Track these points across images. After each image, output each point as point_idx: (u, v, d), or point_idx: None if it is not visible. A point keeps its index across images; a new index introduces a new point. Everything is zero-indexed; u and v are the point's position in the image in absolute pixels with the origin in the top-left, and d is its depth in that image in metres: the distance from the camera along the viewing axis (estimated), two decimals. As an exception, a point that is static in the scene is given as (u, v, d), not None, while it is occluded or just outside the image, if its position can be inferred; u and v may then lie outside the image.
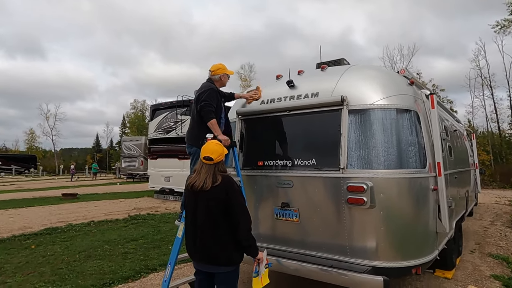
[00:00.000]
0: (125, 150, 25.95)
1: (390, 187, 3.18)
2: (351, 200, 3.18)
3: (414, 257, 3.28)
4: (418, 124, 3.48)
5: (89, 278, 4.72)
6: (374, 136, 3.26)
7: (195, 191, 2.53)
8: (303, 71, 4.09)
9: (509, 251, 6.19)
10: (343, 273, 3.13)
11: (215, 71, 3.80)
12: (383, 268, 3.16)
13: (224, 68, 3.86)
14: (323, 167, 3.43)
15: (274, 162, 3.79)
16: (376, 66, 3.93)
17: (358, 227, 3.26)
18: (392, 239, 3.22)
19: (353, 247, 3.30)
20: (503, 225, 8.52)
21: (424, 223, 3.38)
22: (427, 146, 3.51)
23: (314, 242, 3.55)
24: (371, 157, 3.23)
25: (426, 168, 3.41)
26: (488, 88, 28.78)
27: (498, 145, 27.55)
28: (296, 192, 3.59)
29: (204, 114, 3.50)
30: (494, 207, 11.82)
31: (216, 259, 2.48)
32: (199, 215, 2.52)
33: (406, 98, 3.49)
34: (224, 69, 3.85)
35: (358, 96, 3.39)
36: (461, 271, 5.04)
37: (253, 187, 3.93)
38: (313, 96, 3.63)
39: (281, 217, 3.72)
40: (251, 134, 4.09)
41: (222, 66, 3.86)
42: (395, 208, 3.20)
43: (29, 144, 63.75)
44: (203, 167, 2.58)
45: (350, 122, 3.34)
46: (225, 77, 3.88)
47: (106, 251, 6.00)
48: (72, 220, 9.00)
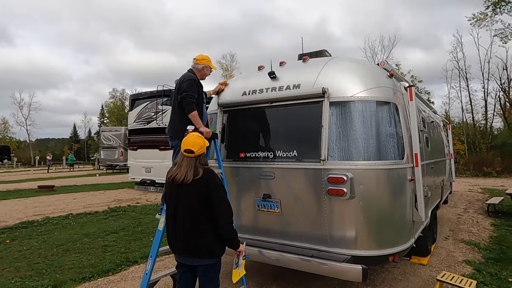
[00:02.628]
0: (104, 141, 25.36)
1: (369, 178, 3.24)
2: (331, 191, 3.23)
3: (392, 245, 3.38)
4: (397, 116, 3.54)
5: (67, 272, 4.63)
6: (354, 128, 3.31)
7: (176, 184, 2.50)
8: (285, 62, 4.07)
9: (480, 237, 6.48)
10: (323, 262, 3.20)
11: (199, 60, 3.74)
12: (362, 257, 3.25)
13: (209, 61, 3.82)
14: (304, 159, 3.46)
15: (256, 153, 3.79)
16: (357, 59, 3.96)
17: (338, 217, 3.33)
18: (370, 228, 3.30)
19: (333, 237, 3.37)
20: (475, 212, 8.90)
21: (401, 212, 3.48)
22: (405, 137, 3.59)
23: (295, 233, 3.59)
24: (351, 148, 3.28)
25: (404, 159, 3.49)
26: (464, 79, 29.64)
27: (472, 135, 28.55)
28: (278, 183, 3.62)
29: (185, 105, 3.44)
30: (467, 195, 12.31)
31: (197, 252, 2.48)
32: (180, 208, 2.50)
33: (386, 91, 3.55)
34: (209, 61, 3.81)
35: (339, 88, 3.41)
36: (435, 257, 5.24)
37: (235, 179, 3.92)
38: (294, 87, 3.63)
39: (263, 208, 3.75)
40: (232, 126, 4.06)
41: (208, 58, 3.81)
42: (374, 199, 3.27)
43: (1, 134, 61.28)
44: (184, 160, 2.54)
45: (331, 114, 3.37)
46: (208, 70, 3.83)
47: (85, 244, 5.89)
48: (49, 213, 8.77)
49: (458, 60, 29.69)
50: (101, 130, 27.37)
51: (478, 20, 25.04)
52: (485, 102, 29.15)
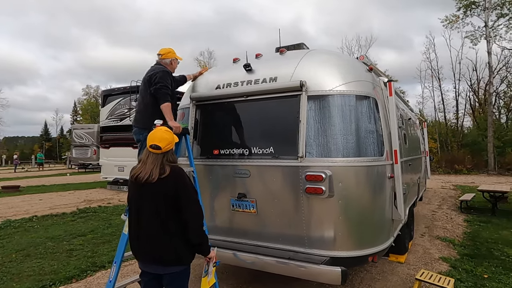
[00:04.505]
0: (76, 139, 24.36)
1: (348, 176, 3.10)
2: (309, 190, 3.07)
3: (371, 245, 3.26)
4: (377, 111, 3.43)
5: (26, 280, 4.26)
6: (333, 123, 3.15)
7: (140, 183, 2.25)
8: (261, 55, 3.88)
9: (454, 233, 6.55)
10: (300, 265, 3.03)
11: (165, 55, 3.49)
12: (341, 258, 3.11)
13: (174, 53, 3.60)
14: (281, 156, 3.28)
15: (230, 150, 3.57)
16: (336, 52, 3.82)
17: (317, 217, 3.17)
18: (350, 228, 3.16)
19: (311, 238, 3.21)
20: (449, 209, 9.06)
21: (380, 211, 3.36)
22: (385, 134, 3.48)
23: (272, 234, 3.41)
24: (330, 145, 3.13)
25: (383, 156, 3.38)
26: (437, 80, 30.51)
27: (444, 133, 29.43)
28: (253, 182, 3.42)
29: (160, 95, 3.23)
30: (440, 192, 12.59)
31: (163, 258, 2.24)
32: (144, 211, 2.25)
33: (365, 85, 3.42)
34: (174, 53, 3.59)
35: (317, 81, 3.25)
36: (412, 254, 5.21)
37: (208, 177, 3.69)
38: (271, 81, 3.44)
39: (238, 208, 3.54)
40: (206, 121, 3.83)
41: (172, 50, 3.58)
42: (353, 197, 3.13)
43: (-35, 132, 57.87)
44: (149, 157, 2.29)
45: (309, 108, 3.20)
46: (175, 62, 3.61)
47: (48, 249, 5.49)
48: (11, 215, 8.20)
49: (431, 60, 30.57)
50: (73, 128, 26.31)
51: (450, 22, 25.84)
52: (456, 102, 30.18)
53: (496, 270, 4.53)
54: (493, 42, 23.60)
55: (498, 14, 23.22)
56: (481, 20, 23.61)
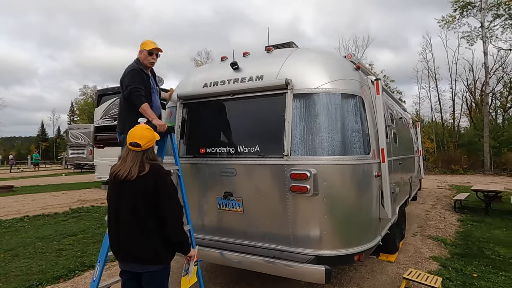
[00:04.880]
0: (72, 139, 24.27)
1: (333, 174, 3.09)
2: (294, 188, 3.05)
3: (357, 244, 3.25)
4: (363, 109, 3.41)
5: (13, 280, 4.22)
6: (318, 122, 3.14)
7: (119, 181, 2.23)
8: (249, 53, 3.86)
9: (447, 232, 6.55)
10: (285, 264, 3.02)
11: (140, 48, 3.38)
12: (326, 257, 3.09)
13: (145, 43, 3.36)
14: (266, 154, 3.26)
15: (217, 149, 3.55)
16: (323, 50, 3.80)
17: (302, 215, 3.15)
18: (335, 227, 3.15)
19: (297, 237, 3.19)
20: (443, 208, 9.07)
21: (367, 209, 3.35)
22: (372, 132, 3.46)
23: (258, 233, 3.39)
24: (315, 143, 3.11)
25: (370, 154, 3.36)
26: (433, 80, 30.59)
27: (441, 133, 29.53)
28: (240, 180, 3.40)
29: (134, 99, 3.14)
30: (435, 192, 12.60)
31: (141, 257, 2.22)
32: (122, 209, 2.23)
33: (352, 83, 3.40)
34: (144, 44, 3.36)
35: (303, 79, 3.24)
36: (403, 254, 5.21)
37: (195, 176, 3.67)
38: (257, 79, 3.42)
39: (224, 207, 3.52)
40: (193, 120, 3.80)
41: (146, 41, 3.38)
42: (338, 196, 3.12)
43: (-39, 132, 57.53)
44: (129, 155, 2.27)
45: (294, 106, 3.19)
46: (144, 54, 3.35)
47: (38, 249, 5.45)
48: (2, 215, 8.14)
49: (427, 61, 30.67)
50: (69, 128, 26.21)
51: (447, 22, 25.93)
52: (452, 102, 30.28)
53: (485, 269, 4.53)
54: (489, 43, 23.75)
55: (494, 15, 23.35)
56: (477, 21, 23.73)
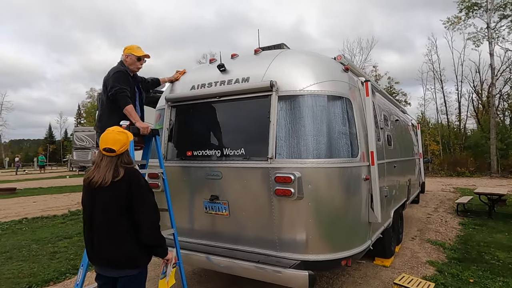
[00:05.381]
0: (77, 141, 24.51)
1: (318, 177, 3.03)
2: (278, 192, 3.00)
3: (344, 248, 3.18)
4: (351, 111, 3.35)
5: (3, 283, 4.22)
6: (303, 124, 3.09)
7: (93, 187, 2.19)
8: (237, 55, 3.82)
9: (447, 236, 6.43)
10: (268, 269, 2.96)
11: (125, 51, 3.37)
12: (311, 262, 3.03)
13: (131, 48, 3.39)
14: (252, 157, 3.22)
15: (203, 152, 3.52)
16: (310, 51, 3.75)
17: (287, 219, 3.10)
18: (321, 231, 3.08)
19: (282, 241, 3.14)
20: (445, 211, 8.92)
21: (354, 213, 3.28)
22: (361, 134, 3.40)
23: (244, 237, 3.35)
24: (300, 146, 3.06)
25: (358, 157, 3.30)
26: (439, 81, 30.26)
27: (446, 135, 29.16)
28: (225, 184, 3.36)
29: (119, 100, 3.12)
30: (439, 194, 12.42)
31: (116, 262, 2.18)
32: (96, 214, 2.20)
33: (339, 85, 3.35)
34: (130, 49, 3.38)
35: (288, 81, 3.19)
36: (399, 258, 5.11)
37: (182, 179, 3.64)
38: (243, 81, 3.38)
39: (210, 210, 3.48)
40: (180, 122, 3.77)
41: (132, 46, 3.41)
42: (324, 199, 3.06)
43: (-29, 135, 58.37)
44: (103, 160, 2.22)
45: (280, 109, 3.14)
46: (132, 58, 3.37)
47: (32, 251, 5.46)
48: (1, 217, 8.20)
49: (433, 62, 30.30)
50: (74, 131, 26.46)
51: (452, 23, 25.66)
52: (458, 104, 29.88)
53: (483, 275, 4.42)
54: (495, 44, 23.40)
55: (501, 15, 23.02)
56: (484, 22, 23.42)
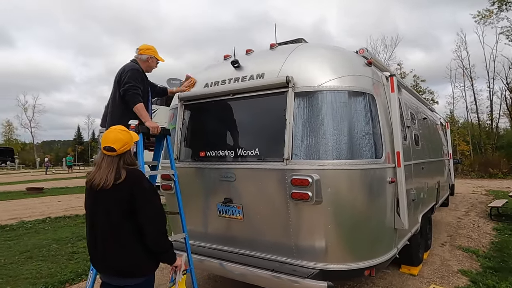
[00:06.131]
0: (102, 142, 25.07)
1: (339, 180, 2.80)
2: (295, 195, 2.79)
3: (367, 257, 2.94)
4: (375, 108, 3.09)
5: (21, 283, 4.23)
6: (322, 122, 2.86)
7: (94, 190, 2.07)
8: (252, 51, 3.64)
9: (480, 243, 5.98)
10: (285, 278, 2.74)
11: (143, 50, 3.28)
12: (331, 271, 2.81)
13: (155, 51, 3.36)
14: (266, 158, 3.02)
15: (216, 152, 3.36)
16: (329, 45, 3.52)
17: (305, 225, 2.89)
18: (341, 238, 2.85)
19: (300, 248, 2.93)
20: (477, 216, 8.38)
21: (378, 219, 3.02)
22: (385, 134, 3.14)
23: (258, 242, 3.16)
24: (319, 146, 2.84)
25: (382, 158, 3.04)
26: (469, 79, 28.87)
27: (477, 135, 27.79)
28: (239, 186, 3.18)
29: (129, 97, 3.00)
30: (470, 197, 11.76)
31: (121, 270, 2.05)
32: (99, 219, 2.07)
33: (362, 80, 3.10)
34: (154, 51, 3.35)
35: (306, 77, 2.97)
36: (428, 266, 4.77)
37: (195, 180, 3.49)
38: (258, 77, 3.20)
39: (224, 214, 3.31)
40: (193, 122, 3.63)
41: (153, 48, 3.36)
42: (345, 204, 2.82)
43: (6, 136, 61.38)
44: (104, 160, 2.10)
45: (296, 106, 2.93)
46: (153, 61, 3.35)
47: (51, 251, 5.50)
48: (26, 216, 8.40)
49: (462, 59, 28.95)
50: (100, 131, 27.10)
51: (483, 17, 24.44)
52: (490, 102, 28.37)
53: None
54: (531, 37, 22.05)
55: (537, 7, 21.69)
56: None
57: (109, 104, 3.23)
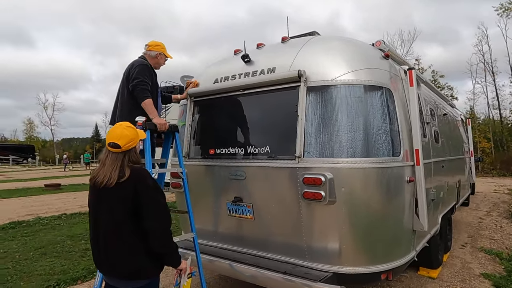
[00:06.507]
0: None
1: (353, 179, 2.65)
2: (307, 195, 2.67)
3: (384, 260, 2.79)
4: (392, 103, 2.93)
5: (34, 279, 4.26)
6: (336, 118, 2.72)
7: (98, 187, 2.01)
8: (263, 45, 3.52)
9: (503, 244, 5.71)
10: (296, 282, 2.63)
11: (152, 47, 3.22)
12: (345, 275, 2.68)
13: (164, 48, 3.30)
14: (278, 156, 2.91)
15: (226, 150, 3.26)
16: (343, 37, 3.36)
17: (317, 226, 2.76)
18: (356, 240, 2.71)
19: (312, 250, 2.80)
20: (500, 216, 8.03)
21: (396, 220, 2.87)
22: (403, 130, 2.97)
23: (269, 243, 3.05)
24: (332, 143, 2.70)
25: (400, 156, 2.88)
26: (490, 74, 27.89)
27: (499, 132, 26.85)
28: (249, 185, 3.08)
29: (137, 93, 2.93)
30: (492, 196, 11.33)
31: (123, 272, 1.98)
32: (102, 218, 2.01)
33: (378, 73, 2.94)
34: (163, 48, 3.29)
35: (319, 70, 2.84)
36: (448, 269, 4.56)
37: (204, 179, 3.41)
38: (269, 72, 3.08)
39: (234, 213, 3.22)
40: (203, 118, 3.55)
41: (162, 44, 3.30)
42: (360, 204, 2.68)
43: (27, 134, 63.21)
44: (108, 157, 2.03)
45: (309, 101, 2.80)
46: (162, 58, 3.29)
47: (65, 248, 5.54)
48: (43, 212, 8.54)
49: (483, 53, 28.00)
50: (112, 129, 27.48)
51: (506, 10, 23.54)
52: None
53: (551, 293, 3.79)
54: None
55: None
56: (543, 6, 21.17)
57: (117, 101, 3.17)
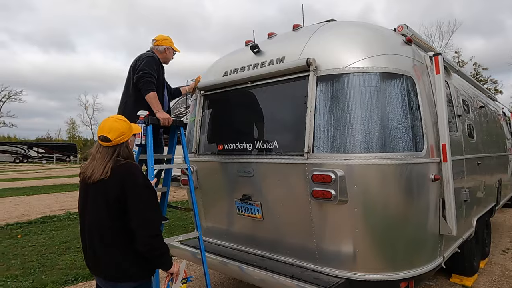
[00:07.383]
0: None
1: (367, 177, 2.40)
2: (316, 194, 2.45)
3: (404, 267, 2.51)
4: (414, 93, 2.63)
5: (55, 273, 4.36)
6: (348, 110, 2.48)
7: (86, 182, 1.92)
8: (275, 34, 3.33)
9: (552, 251, 5.12)
10: (303, 287, 2.42)
11: (160, 41, 3.15)
12: (359, 282, 2.44)
13: (171, 42, 3.24)
14: (286, 151, 2.71)
15: (234, 145, 3.11)
16: (358, 22, 3.08)
17: (328, 227, 2.54)
18: (371, 244, 2.46)
19: (323, 253, 2.58)
20: (549, 219, 7.28)
21: (418, 223, 2.57)
22: (428, 123, 2.66)
23: (278, 244, 2.87)
24: (345, 137, 2.46)
25: (423, 151, 2.57)
26: (541, 64, 25.67)
27: (550, 127, 24.70)
28: (258, 182, 2.90)
29: (142, 85, 2.85)
30: (540, 197, 10.33)
31: (108, 273, 1.88)
32: (88, 216, 1.92)
33: (398, 59, 2.65)
34: (171, 42, 3.24)
35: (330, 58, 2.60)
36: (485, 276, 4.14)
37: (214, 175, 3.28)
38: (278, 61, 2.88)
39: (243, 212, 3.06)
40: (212, 113, 3.41)
41: (170, 39, 3.24)
42: (376, 204, 2.42)
43: (70, 133, 66.89)
44: (98, 151, 1.94)
45: (319, 92, 2.57)
46: (170, 52, 3.25)
47: (88, 243, 5.66)
48: (74, 208, 8.84)
49: (533, 42, 25.77)
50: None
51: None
52: None
53: None
54: None
55: None
56: None
57: (123, 95, 3.12)
